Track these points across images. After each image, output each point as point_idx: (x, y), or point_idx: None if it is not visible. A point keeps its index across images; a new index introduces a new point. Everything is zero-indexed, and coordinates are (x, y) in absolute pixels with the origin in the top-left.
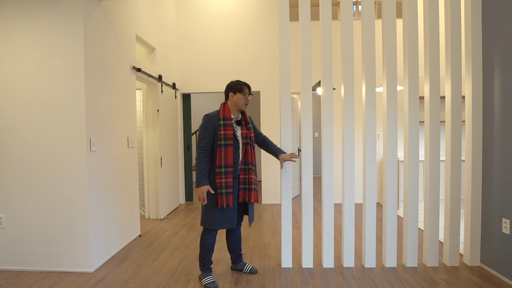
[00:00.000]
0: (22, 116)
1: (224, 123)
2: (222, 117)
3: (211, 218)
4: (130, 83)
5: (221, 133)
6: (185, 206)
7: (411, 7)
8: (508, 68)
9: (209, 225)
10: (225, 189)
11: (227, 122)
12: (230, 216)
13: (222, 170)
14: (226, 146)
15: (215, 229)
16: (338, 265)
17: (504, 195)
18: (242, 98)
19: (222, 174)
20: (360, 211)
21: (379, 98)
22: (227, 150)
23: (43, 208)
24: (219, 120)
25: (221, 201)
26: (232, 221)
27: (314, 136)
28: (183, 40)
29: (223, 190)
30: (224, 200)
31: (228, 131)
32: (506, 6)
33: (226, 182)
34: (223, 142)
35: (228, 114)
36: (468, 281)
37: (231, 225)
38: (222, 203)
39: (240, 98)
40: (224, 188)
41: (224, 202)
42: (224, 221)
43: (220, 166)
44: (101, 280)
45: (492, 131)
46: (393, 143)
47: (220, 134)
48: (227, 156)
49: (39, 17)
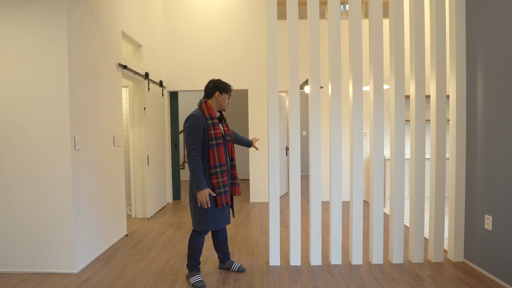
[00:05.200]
0: (2, 114)
1: (212, 122)
2: (209, 116)
3: (210, 219)
4: (116, 81)
5: (211, 132)
6: (172, 205)
7: (397, 8)
8: (491, 68)
9: (210, 226)
10: (223, 188)
11: (214, 121)
12: (226, 213)
13: (217, 170)
14: (218, 145)
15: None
16: (325, 262)
17: (486, 192)
18: (226, 98)
19: (218, 174)
20: (347, 208)
21: (366, 97)
22: (219, 149)
23: (25, 207)
24: (207, 119)
25: (221, 200)
26: (228, 218)
27: (302, 134)
28: (170, 37)
29: (221, 190)
30: (223, 199)
31: (217, 130)
32: (489, 7)
33: (222, 181)
34: (215, 141)
35: (213, 113)
36: (452, 277)
37: (227, 221)
38: (222, 202)
39: (225, 99)
40: (222, 187)
41: (224, 201)
42: (223, 220)
43: (215, 166)
44: (86, 281)
45: (476, 130)
46: (379, 141)
47: (210, 134)
48: (220, 155)
49: (21, 11)
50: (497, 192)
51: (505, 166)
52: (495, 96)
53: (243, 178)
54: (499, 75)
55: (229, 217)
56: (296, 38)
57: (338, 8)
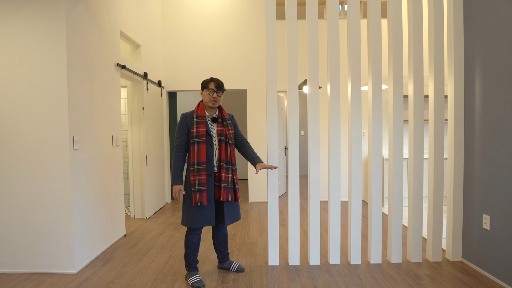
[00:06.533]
0: (1, 113)
1: (197, 120)
2: (195, 115)
3: (188, 216)
4: (115, 81)
5: (194, 130)
6: (171, 205)
7: (395, 8)
8: (489, 68)
9: (188, 223)
10: (198, 187)
11: (199, 119)
12: (208, 213)
13: (195, 167)
14: (198, 143)
15: (195, 227)
16: (324, 262)
17: (484, 191)
18: (207, 94)
19: (195, 171)
20: (345, 208)
21: (365, 97)
22: (199, 147)
23: (24, 207)
24: (192, 118)
25: (195, 198)
26: (210, 219)
27: (301, 134)
28: (168, 37)
29: (196, 188)
30: (197, 198)
31: (201, 129)
32: (486, 7)
33: (199, 180)
34: (196, 139)
35: (201, 111)
36: (450, 276)
37: (209, 222)
38: (196, 200)
39: (205, 95)
40: (197, 185)
41: (198, 199)
42: (202, 219)
43: (194, 164)
44: (85, 281)
45: (474, 130)
46: (378, 141)
47: (192, 132)
48: (199, 153)
49: (20, 10)
50: (495, 191)
51: (503, 165)
52: (493, 96)
53: (242, 178)
54: (497, 75)
55: (212, 218)
56: (294, 38)
57: (337, 8)
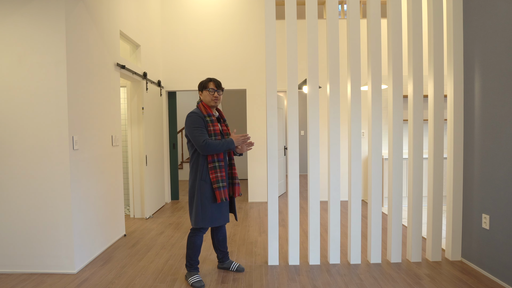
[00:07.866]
0: (1, 114)
1: (211, 119)
2: (206, 114)
3: (206, 216)
4: (114, 80)
5: (211, 129)
6: (171, 205)
7: (395, 8)
8: (488, 68)
9: (208, 223)
10: (221, 183)
11: (212, 118)
12: (225, 211)
13: (215, 164)
14: None
15: (208, 227)
16: (324, 262)
17: (484, 191)
18: (208, 94)
19: (216, 168)
20: (345, 208)
21: (364, 97)
22: None
23: (23, 207)
24: (205, 116)
25: (220, 195)
26: (226, 216)
27: (300, 134)
28: (168, 37)
29: (219, 184)
30: (222, 194)
31: (216, 127)
32: (486, 7)
33: (221, 176)
34: (214, 138)
35: (210, 111)
36: (450, 275)
37: (226, 219)
38: (221, 197)
39: (206, 95)
40: (220, 182)
41: (223, 195)
42: (221, 217)
43: (213, 161)
44: (84, 281)
45: (473, 130)
46: (377, 141)
47: (209, 130)
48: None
49: (19, 10)
50: (495, 191)
51: (502, 165)
52: (492, 95)
53: (242, 178)
54: (496, 75)
55: (227, 215)
56: (294, 38)
57: (336, 8)
